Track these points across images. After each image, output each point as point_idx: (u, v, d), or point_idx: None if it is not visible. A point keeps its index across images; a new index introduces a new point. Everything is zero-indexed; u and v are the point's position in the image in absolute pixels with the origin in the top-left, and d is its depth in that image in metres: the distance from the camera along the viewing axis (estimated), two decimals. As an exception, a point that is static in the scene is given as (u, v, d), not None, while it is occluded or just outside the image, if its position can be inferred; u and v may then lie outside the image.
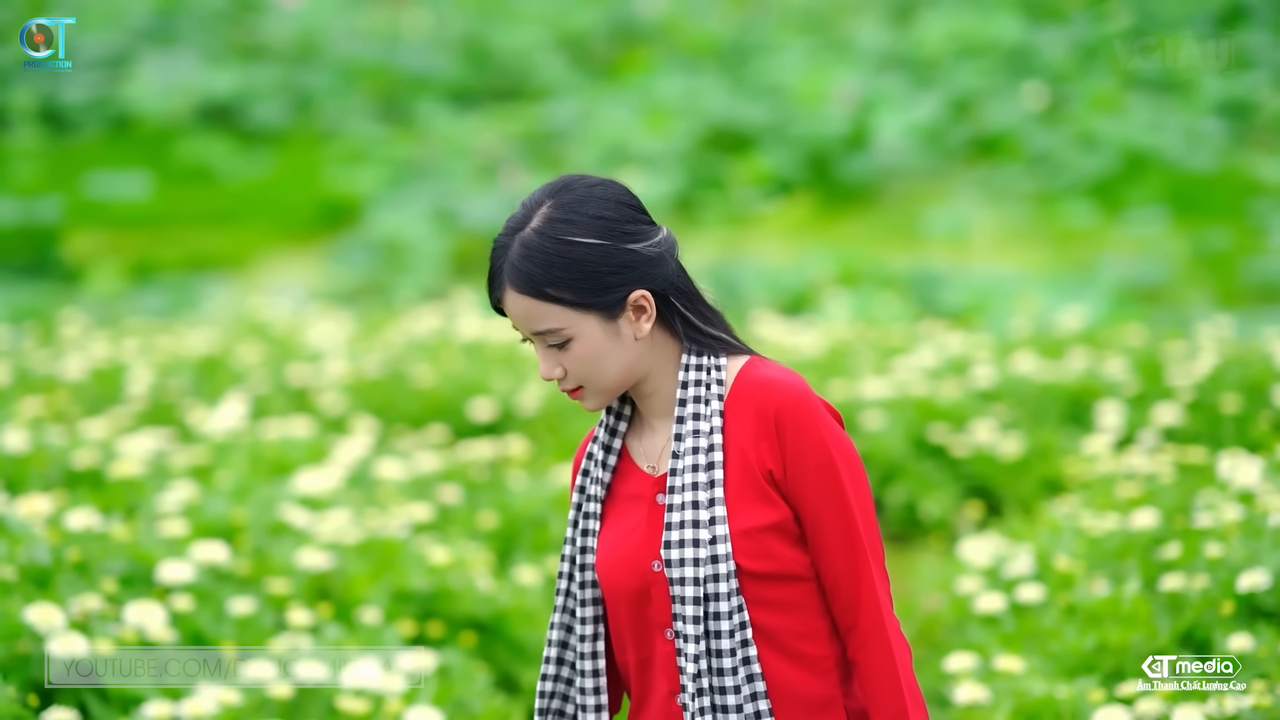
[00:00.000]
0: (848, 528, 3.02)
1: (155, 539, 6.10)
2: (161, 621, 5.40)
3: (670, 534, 3.00)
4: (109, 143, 18.05)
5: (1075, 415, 8.85)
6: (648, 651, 3.07)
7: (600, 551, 3.10)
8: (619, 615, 3.09)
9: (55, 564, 5.80)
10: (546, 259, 2.99)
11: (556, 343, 3.02)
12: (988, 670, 5.47)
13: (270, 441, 8.00)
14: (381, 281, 14.52)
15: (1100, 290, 12.98)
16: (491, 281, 3.04)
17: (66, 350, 10.24)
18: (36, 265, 14.99)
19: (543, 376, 3.05)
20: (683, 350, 3.10)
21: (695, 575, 2.97)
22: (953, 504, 8.26)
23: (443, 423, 9.08)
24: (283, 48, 19.57)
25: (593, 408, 3.09)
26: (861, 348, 10.15)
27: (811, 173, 16.44)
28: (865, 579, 3.02)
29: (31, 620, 5.22)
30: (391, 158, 17.27)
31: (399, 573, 6.40)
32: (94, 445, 7.66)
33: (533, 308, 3.01)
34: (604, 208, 3.02)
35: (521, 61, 19.31)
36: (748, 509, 3.01)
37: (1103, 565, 5.91)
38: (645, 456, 3.14)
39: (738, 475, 3.02)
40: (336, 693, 5.24)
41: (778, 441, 3.02)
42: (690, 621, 2.97)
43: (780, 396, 3.03)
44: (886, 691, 2.99)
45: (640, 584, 3.04)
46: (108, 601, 5.59)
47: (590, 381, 3.05)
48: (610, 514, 3.13)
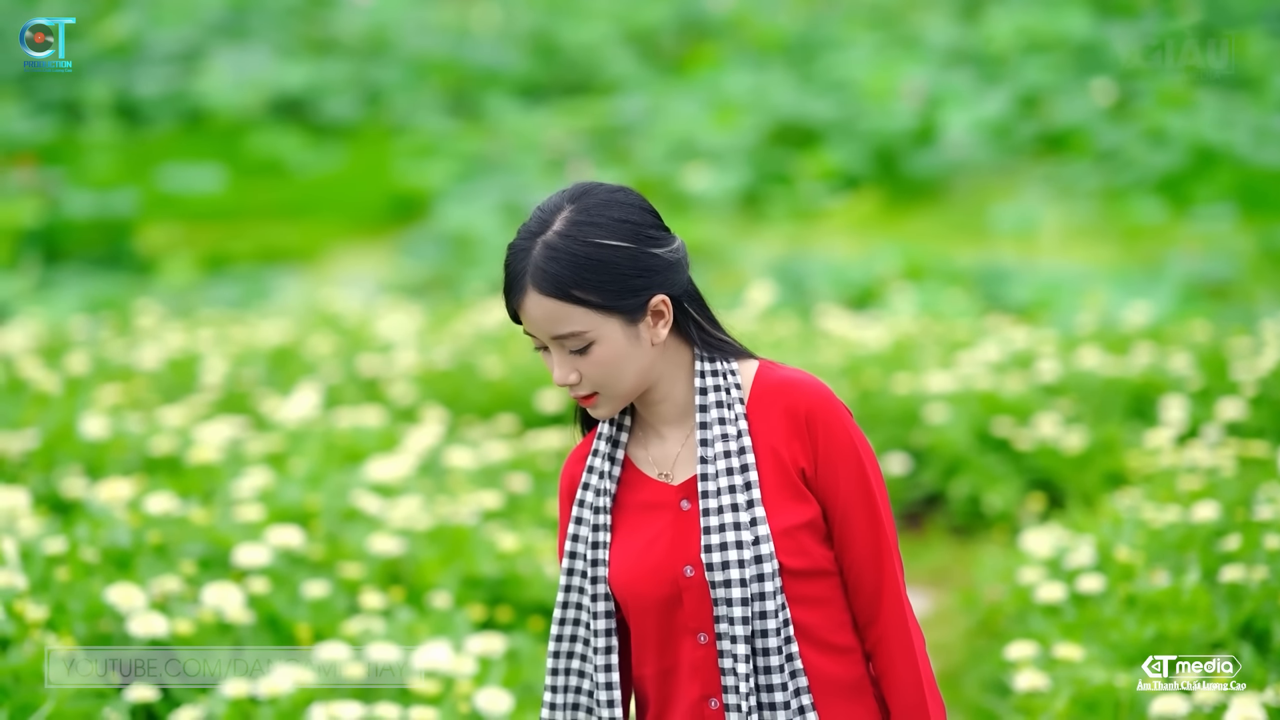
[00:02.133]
0: (874, 523, 3.07)
1: (232, 523, 6.24)
2: (238, 603, 5.53)
3: (710, 538, 3.00)
4: (182, 136, 18.25)
5: (1139, 410, 8.89)
6: (673, 659, 3.07)
7: (619, 562, 3.08)
8: (643, 624, 3.08)
9: (135, 546, 5.94)
10: (573, 260, 2.96)
11: (578, 347, 2.99)
12: (1048, 659, 5.53)
13: (342, 430, 8.13)
14: (450, 275, 14.63)
15: (1167, 286, 12.96)
16: (511, 285, 3.00)
17: (142, 340, 10.41)
18: (111, 257, 15.17)
19: (558, 382, 3.03)
20: (695, 356, 3.10)
21: (740, 577, 2.98)
22: (1016, 497, 8.31)
23: (511, 413, 9.20)
24: (354, 43, 19.74)
25: (604, 415, 3.08)
26: (926, 342, 10.20)
27: (878, 168, 16.47)
28: (890, 573, 3.08)
29: (113, 600, 5.36)
30: (461, 152, 17.40)
31: (469, 559, 6.51)
32: (171, 432, 7.81)
33: (557, 310, 2.98)
34: (627, 212, 3.02)
35: (590, 56, 19.42)
36: (785, 508, 3.04)
37: (1163, 557, 5.96)
38: (655, 465, 3.13)
39: (772, 475, 3.04)
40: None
41: (810, 440, 3.05)
42: (739, 623, 2.98)
43: (810, 397, 3.06)
44: (907, 682, 3.06)
45: (670, 591, 3.04)
46: (186, 583, 5.73)
47: (606, 387, 3.03)
48: (622, 525, 3.11)
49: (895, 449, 8.69)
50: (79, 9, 19.90)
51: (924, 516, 8.64)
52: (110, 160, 17.23)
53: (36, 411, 8.19)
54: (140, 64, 19.15)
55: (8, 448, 7.54)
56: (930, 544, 8.34)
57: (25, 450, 7.55)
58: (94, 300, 13.17)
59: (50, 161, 16.71)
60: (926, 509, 8.68)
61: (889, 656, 3.07)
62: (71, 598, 5.44)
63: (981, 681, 6.27)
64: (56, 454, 7.54)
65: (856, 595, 3.07)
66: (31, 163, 16.13)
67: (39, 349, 10.02)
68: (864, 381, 9.17)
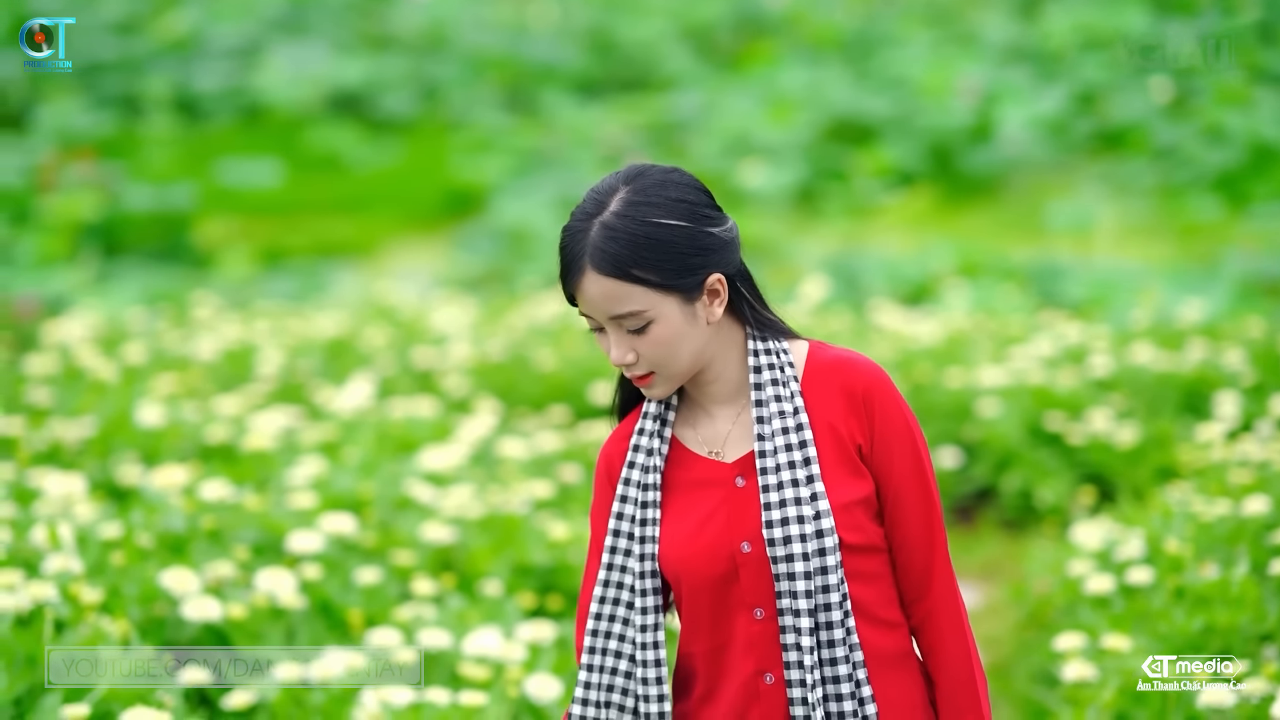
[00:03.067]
0: (926, 499, 3.11)
1: (285, 510, 6.30)
2: (291, 588, 5.58)
3: (770, 513, 3.03)
4: (241, 131, 18.37)
5: (1192, 405, 8.87)
6: (726, 635, 3.08)
7: (671, 541, 3.10)
8: (696, 602, 3.09)
9: (190, 532, 6.01)
10: (632, 240, 2.98)
11: (636, 326, 3.00)
12: (1096, 649, 5.53)
13: (396, 420, 8.19)
14: (505, 269, 14.67)
15: (1223, 284, 12.89)
16: (569, 267, 3.01)
17: (199, 332, 10.50)
18: (169, 250, 15.27)
19: (615, 362, 3.03)
20: (747, 335, 3.12)
21: (803, 551, 3.01)
22: (1067, 491, 8.30)
23: (563, 405, 9.25)
24: (411, 38, 19.83)
25: (659, 394, 3.09)
26: (979, 337, 10.20)
27: (934, 165, 16.45)
28: (940, 549, 3.12)
29: (167, 585, 5.43)
30: (517, 147, 17.46)
31: (520, 547, 6.56)
32: (226, 421, 7.89)
33: (616, 290, 2.99)
34: (683, 192, 3.03)
35: (646, 52, 19.46)
36: (843, 484, 3.06)
37: (1213, 550, 5.95)
38: (705, 444, 3.14)
39: (830, 450, 3.07)
40: (459, 660, 5.39)
41: (867, 417, 3.08)
42: (801, 597, 3.00)
43: (866, 375, 3.09)
44: (958, 655, 3.11)
45: (727, 568, 3.06)
46: (240, 568, 5.79)
47: (664, 366, 3.04)
48: (671, 503, 3.12)
49: (947, 443, 8.70)
50: (138, 5, 20.06)
51: (975, 510, 8.64)
52: (169, 155, 17.36)
53: (94, 400, 8.28)
54: (199, 59, 19.28)
55: (65, 435, 7.63)
56: (981, 538, 8.34)
57: (82, 438, 7.64)
58: (152, 293, 13.27)
59: (110, 156, 16.83)
60: (978, 503, 8.69)
61: (938, 630, 3.11)
62: (126, 582, 5.51)
63: (1030, 673, 6.27)
64: (113, 442, 7.63)
65: (908, 570, 3.11)
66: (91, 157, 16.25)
67: (97, 339, 10.12)
68: (916, 375, 9.18)
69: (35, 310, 11.07)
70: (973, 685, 3.11)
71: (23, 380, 8.88)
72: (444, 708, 4.94)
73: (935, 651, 3.11)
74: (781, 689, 3.06)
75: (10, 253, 14.25)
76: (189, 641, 5.43)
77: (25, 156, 16.44)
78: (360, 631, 5.61)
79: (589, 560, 3.22)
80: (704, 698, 3.13)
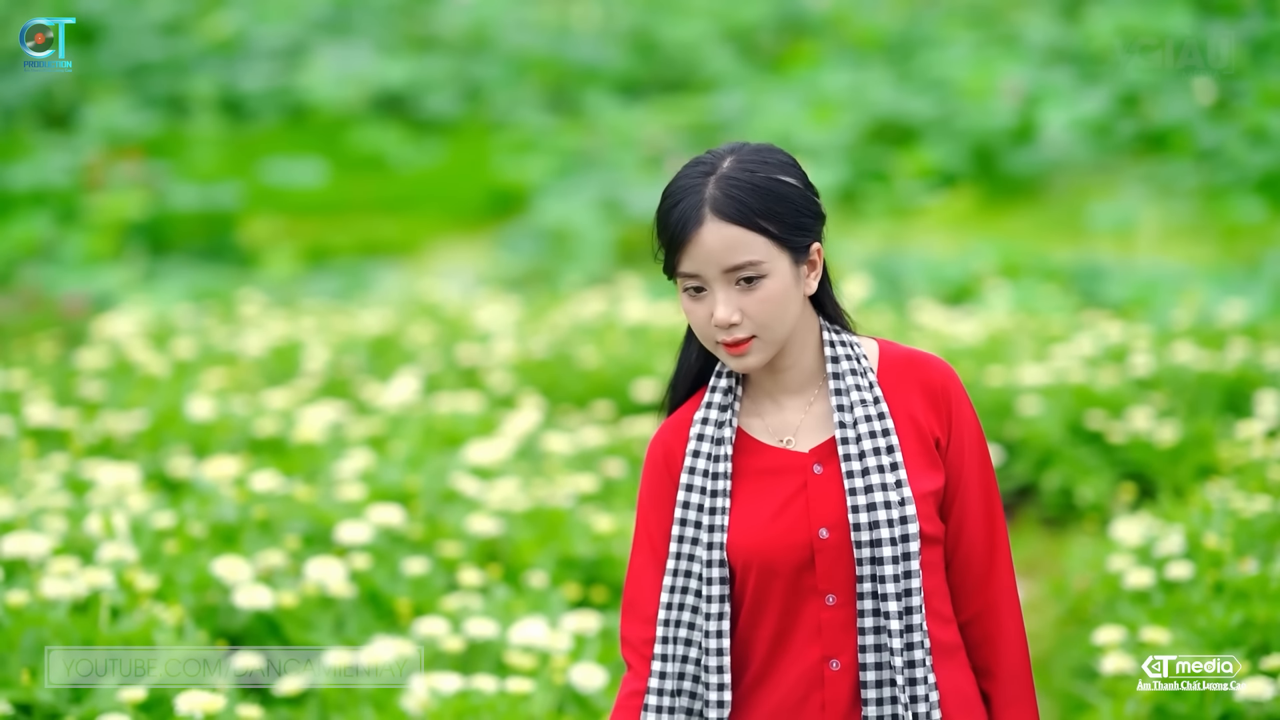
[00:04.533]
0: (990, 496, 3.19)
1: (334, 502, 6.39)
2: (341, 578, 5.68)
3: (856, 499, 3.06)
4: (285, 131, 18.49)
5: (1233, 404, 8.89)
6: (791, 621, 3.10)
7: (743, 529, 3.11)
8: (765, 589, 3.10)
9: (241, 522, 6.11)
10: (755, 189, 3.01)
11: (750, 276, 3.01)
12: (1135, 643, 5.58)
13: (442, 415, 8.28)
14: (548, 269, 14.74)
15: (1266, 285, 12.89)
16: (683, 219, 3.02)
17: (245, 328, 10.61)
18: (215, 249, 15.39)
19: (722, 320, 3.01)
20: (821, 326, 3.19)
21: (890, 536, 3.04)
22: (1108, 489, 8.33)
23: (607, 401, 9.31)
24: (455, 39, 19.93)
25: (754, 364, 3.07)
26: (1020, 336, 10.23)
27: (976, 166, 16.46)
28: (1003, 544, 3.19)
29: (219, 573, 5.52)
30: (559, 148, 17.54)
31: (564, 540, 6.64)
32: (275, 415, 7.99)
33: (739, 237, 3.00)
34: (789, 158, 3.11)
35: (688, 54, 19.51)
36: (922, 474, 3.12)
37: (1252, 545, 5.98)
38: (774, 433, 3.16)
39: (912, 442, 3.13)
40: (505, 648, 5.47)
41: (945, 412, 3.15)
42: (889, 581, 3.04)
43: (944, 371, 3.18)
44: (1016, 646, 3.18)
45: (804, 555, 3.08)
46: (290, 558, 5.88)
47: (767, 329, 3.04)
48: (740, 492, 3.13)
49: (988, 440, 8.72)
50: (184, 6, 20.21)
51: (1016, 508, 8.68)
52: (214, 154, 17.49)
53: (144, 394, 8.40)
54: (245, 59, 19.42)
55: (117, 428, 7.74)
56: (1022, 535, 8.38)
57: (133, 431, 7.75)
58: (198, 291, 13.39)
59: (156, 155, 16.97)
60: (1018, 500, 8.72)
61: (998, 622, 3.18)
62: (180, 570, 5.61)
63: (1070, 667, 6.32)
64: (164, 434, 7.74)
65: (968, 564, 3.17)
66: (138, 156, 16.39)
67: (146, 335, 10.24)
68: (958, 374, 9.21)
69: (83, 308, 11.20)
70: (1027, 677, 3.17)
71: (74, 374, 9.00)
72: (491, 695, 5.03)
73: (993, 642, 3.17)
74: (846, 675, 3.09)
75: (57, 251, 14.40)
76: (240, 629, 5.53)
77: (72, 156, 16.60)
78: (408, 621, 5.69)
79: (634, 551, 3.24)
80: (757, 682, 3.15)
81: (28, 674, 4.68)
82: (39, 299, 11.53)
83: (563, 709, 5.26)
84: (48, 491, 6.31)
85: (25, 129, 17.58)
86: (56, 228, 14.93)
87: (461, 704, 4.96)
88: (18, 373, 8.92)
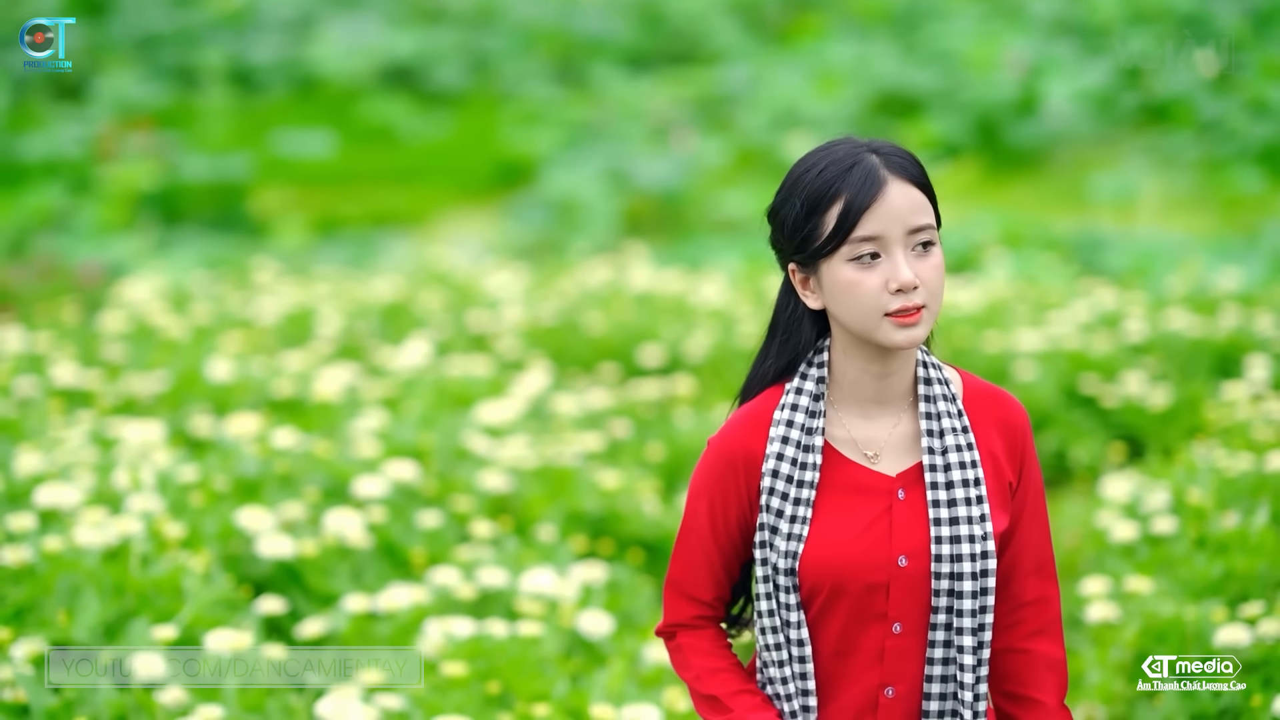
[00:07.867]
0: (1044, 545, 3.17)
1: (351, 458, 6.62)
2: (359, 529, 5.91)
3: (940, 529, 3.04)
4: (295, 103, 18.66)
5: (1224, 369, 9.10)
6: (851, 643, 3.07)
7: (822, 546, 3.05)
8: (832, 608, 3.06)
9: (263, 476, 6.34)
10: (918, 163, 3.02)
11: (927, 240, 2.98)
12: (1120, 592, 5.80)
13: (453, 377, 8.50)
14: (555, 240, 14.90)
15: (1264, 255, 13.06)
16: (866, 180, 2.97)
17: (260, 295, 10.81)
18: (225, 219, 15.56)
19: (908, 282, 2.93)
20: None
21: (971, 570, 3.02)
22: (1101, 451, 8.54)
23: (613, 365, 9.52)
24: (463, 11, 20.09)
25: (921, 336, 3.00)
26: (1019, 304, 10.43)
27: (980, 138, 16.62)
28: (1054, 596, 3.18)
29: (243, 523, 5.76)
30: (566, 120, 17.71)
31: (572, 496, 6.86)
32: (292, 376, 8.21)
33: (920, 200, 2.98)
34: None
35: (695, 26, 19.67)
36: (998, 513, 3.09)
37: (1235, 501, 6.20)
38: (860, 446, 3.10)
39: (990, 479, 3.09)
40: (515, 596, 5.70)
41: (1020, 456, 3.13)
42: (967, 615, 3.02)
43: (1022, 414, 3.15)
44: (1057, 689, 3.17)
45: (880, 580, 3.04)
46: (310, 509, 6.12)
47: (935, 299, 2.99)
48: (821, 507, 3.08)
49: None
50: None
51: (1011, 470, 8.86)
52: (225, 125, 17.66)
53: (165, 356, 8.62)
54: (254, 31, 19.59)
55: (139, 389, 7.97)
56: (1017, 496, 8.57)
57: (155, 392, 7.98)
58: (209, 261, 13.58)
59: (167, 126, 17.15)
60: (1014, 463, 8.90)
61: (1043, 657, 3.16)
62: (205, 520, 5.84)
63: (1059, 619, 6.52)
64: (185, 395, 7.96)
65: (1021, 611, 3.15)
66: (149, 127, 16.58)
67: (164, 300, 10.46)
68: (955, 339, 9.42)
69: (98, 276, 11.40)
70: (1066, 713, 3.18)
71: (96, 338, 9.22)
72: (503, 639, 5.25)
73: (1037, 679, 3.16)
74: (900, 704, 3.09)
75: (71, 221, 14.59)
76: (263, 577, 5.76)
77: (84, 127, 16.79)
78: (422, 570, 5.92)
79: (687, 533, 3.18)
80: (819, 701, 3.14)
81: (65, 614, 4.91)
82: (55, 267, 11.73)
83: (570, 653, 5.49)
84: (76, 447, 6.54)
85: (38, 100, 17.76)
86: (70, 198, 15.12)
87: (474, 647, 5.18)
88: (42, 335, 9.13)
